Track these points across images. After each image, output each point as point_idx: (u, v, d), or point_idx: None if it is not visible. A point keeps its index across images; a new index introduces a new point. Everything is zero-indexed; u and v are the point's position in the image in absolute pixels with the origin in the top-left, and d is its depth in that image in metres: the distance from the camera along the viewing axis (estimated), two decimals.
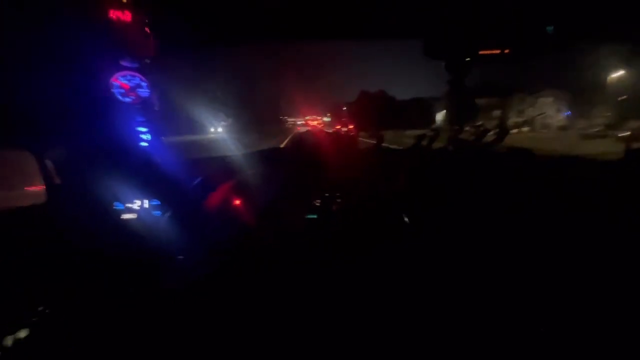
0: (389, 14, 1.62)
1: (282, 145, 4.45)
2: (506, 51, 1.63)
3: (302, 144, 2.50)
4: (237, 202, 2.07)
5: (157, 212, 1.73)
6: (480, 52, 1.62)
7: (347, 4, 1.62)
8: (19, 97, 1.44)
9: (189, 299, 1.49)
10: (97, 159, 1.60)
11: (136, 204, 1.69)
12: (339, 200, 2.11)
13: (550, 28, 1.50)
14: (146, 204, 1.70)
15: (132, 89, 1.59)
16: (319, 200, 2.13)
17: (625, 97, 12.45)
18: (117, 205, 1.67)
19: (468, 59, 1.63)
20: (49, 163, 1.59)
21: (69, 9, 1.35)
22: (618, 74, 12.75)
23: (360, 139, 3.65)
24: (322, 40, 2.00)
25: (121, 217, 1.67)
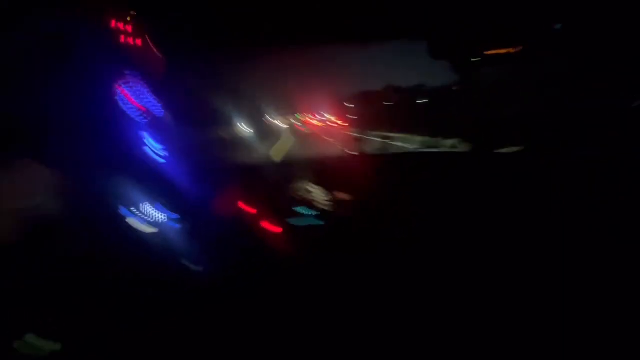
0: (396, 14, 1.60)
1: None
2: (512, 51, 1.60)
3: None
4: (251, 210, 2.06)
5: (175, 225, 1.73)
6: (486, 53, 1.59)
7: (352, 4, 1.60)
8: (21, 107, 1.43)
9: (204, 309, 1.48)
10: (114, 170, 1.58)
11: (154, 217, 1.69)
12: (342, 204, 2.11)
13: (558, 26, 1.48)
14: (164, 217, 1.70)
15: (147, 109, 1.58)
16: (321, 204, 2.12)
17: None
18: (133, 217, 1.66)
19: (475, 59, 1.60)
20: (57, 172, 1.57)
21: (72, 21, 1.32)
22: None
23: (364, 137, 3.65)
24: (326, 42, 1.98)
25: (138, 230, 1.67)
